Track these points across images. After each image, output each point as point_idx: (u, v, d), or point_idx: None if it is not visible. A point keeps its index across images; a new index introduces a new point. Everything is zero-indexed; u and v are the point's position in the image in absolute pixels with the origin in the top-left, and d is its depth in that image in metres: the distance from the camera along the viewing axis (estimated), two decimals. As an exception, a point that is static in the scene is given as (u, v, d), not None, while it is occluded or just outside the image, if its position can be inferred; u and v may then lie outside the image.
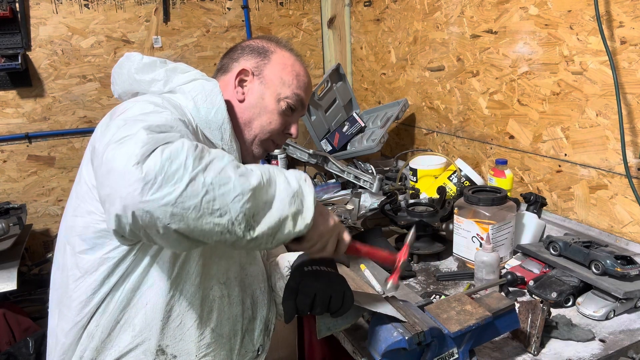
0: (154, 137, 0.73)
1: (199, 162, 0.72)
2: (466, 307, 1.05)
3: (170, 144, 0.73)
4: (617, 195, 1.56)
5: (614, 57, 1.49)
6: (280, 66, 1.14)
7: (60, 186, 2.62)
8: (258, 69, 1.13)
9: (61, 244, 1.00)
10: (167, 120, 0.84)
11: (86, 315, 0.94)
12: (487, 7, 1.94)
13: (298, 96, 1.14)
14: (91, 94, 2.60)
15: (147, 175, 0.69)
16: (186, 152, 0.72)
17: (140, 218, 0.70)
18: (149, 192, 0.68)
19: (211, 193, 0.72)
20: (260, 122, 1.12)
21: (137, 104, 0.90)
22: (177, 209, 0.70)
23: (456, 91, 2.20)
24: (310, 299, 0.94)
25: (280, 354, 2.10)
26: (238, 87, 1.13)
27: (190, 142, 0.74)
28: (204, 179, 0.72)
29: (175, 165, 0.70)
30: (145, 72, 1.07)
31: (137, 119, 0.81)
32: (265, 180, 0.79)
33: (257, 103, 1.12)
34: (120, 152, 0.71)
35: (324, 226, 0.89)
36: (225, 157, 0.77)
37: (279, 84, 1.12)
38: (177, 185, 0.70)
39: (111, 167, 0.71)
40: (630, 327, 1.22)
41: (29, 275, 2.50)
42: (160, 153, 0.71)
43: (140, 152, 0.70)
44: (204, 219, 0.72)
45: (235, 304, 1.08)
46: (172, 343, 0.98)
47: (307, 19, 3.05)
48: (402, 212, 1.69)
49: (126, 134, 0.74)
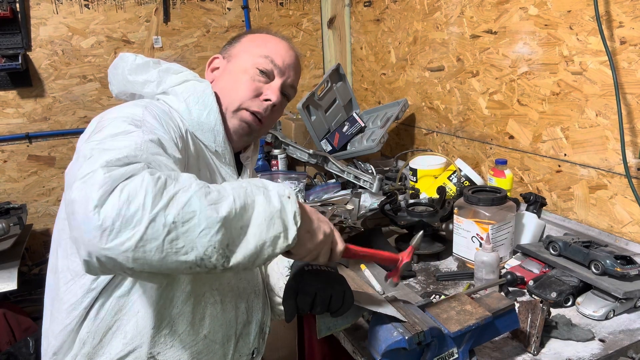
0: (112, 175, 0.68)
1: (160, 199, 0.68)
2: (466, 307, 1.05)
3: (131, 180, 0.68)
4: (617, 195, 1.56)
5: (614, 57, 1.49)
6: (250, 42, 1.13)
7: (60, 186, 2.63)
8: (227, 52, 1.14)
9: (54, 246, 1.00)
10: (135, 146, 0.78)
11: (75, 318, 0.94)
12: (487, 7, 1.95)
13: (267, 57, 1.09)
14: (91, 94, 2.60)
15: (105, 221, 0.65)
16: (145, 189, 0.67)
17: (106, 263, 0.68)
18: (107, 239, 0.65)
19: (174, 232, 0.68)
20: (230, 95, 1.09)
21: (112, 123, 0.85)
22: (138, 254, 0.67)
23: (456, 91, 2.20)
24: (310, 298, 0.94)
25: (280, 354, 2.10)
26: (210, 73, 1.14)
27: (150, 177, 0.69)
28: (165, 218, 0.67)
29: (134, 207, 0.66)
30: (139, 73, 1.06)
31: (103, 147, 0.76)
32: (238, 206, 0.73)
33: (227, 81, 1.10)
34: (80, 194, 0.67)
35: (311, 243, 0.84)
36: (192, 186, 0.71)
37: (246, 56, 1.11)
38: (136, 229, 0.66)
39: (73, 210, 0.68)
40: (630, 327, 1.22)
41: (29, 275, 2.50)
42: (118, 194, 0.67)
43: (97, 196, 0.66)
44: (169, 258, 0.68)
45: (229, 309, 1.06)
46: (164, 350, 0.97)
47: (307, 19, 3.06)
48: (402, 212, 1.69)
49: (88, 170, 0.70)
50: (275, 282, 1.18)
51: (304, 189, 2.18)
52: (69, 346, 0.95)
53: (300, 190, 2.16)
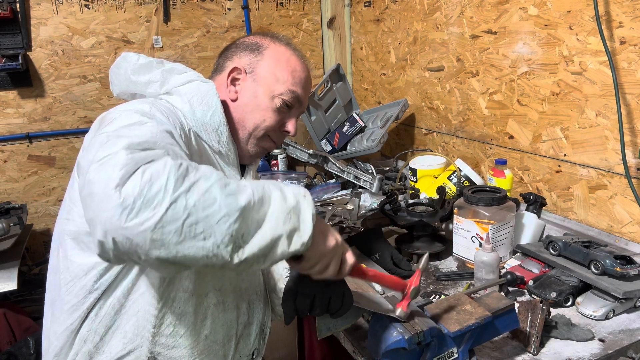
0: (134, 157, 0.69)
1: (181, 183, 0.68)
2: (466, 306, 1.05)
3: (153, 164, 0.69)
4: (617, 195, 1.56)
5: (614, 57, 1.49)
6: (274, 62, 1.10)
7: (60, 186, 2.63)
8: (250, 66, 1.10)
9: (55, 246, 1.00)
10: (151, 134, 0.79)
11: (77, 319, 0.93)
12: (486, 7, 1.95)
13: (294, 93, 1.09)
14: (92, 94, 2.60)
15: (126, 200, 0.65)
16: (168, 173, 0.68)
17: (121, 244, 0.67)
18: (127, 218, 0.65)
19: (194, 216, 0.68)
20: (254, 120, 1.09)
21: (123, 114, 0.86)
22: (157, 235, 0.66)
23: (456, 91, 2.20)
24: (309, 300, 0.94)
25: (280, 354, 2.10)
26: (230, 86, 1.10)
27: (173, 161, 0.70)
28: (186, 201, 0.67)
29: (156, 187, 0.66)
30: (142, 73, 1.05)
31: (119, 134, 0.77)
32: (257, 199, 0.74)
33: (250, 101, 1.09)
34: (100, 174, 0.68)
35: (324, 246, 0.83)
36: (213, 176, 0.72)
37: (272, 81, 1.09)
38: (157, 209, 0.66)
39: (92, 191, 0.68)
40: (630, 326, 1.22)
41: (30, 275, 2.50)
42: (140, 175, 0.67)
43: (119, 175, 0.67)
44: (186, 243, 0.68)
45: (230, 309, 1.06)
46: (165, 350, 0.97)
47: (307, 19, 3.06)
48: (402, 212, 1.69)
49: (107, 153, 0.71)
50: (275, 283, 1.18)
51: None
52: (70, 346, 0.95)
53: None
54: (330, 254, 0.85)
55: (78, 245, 0.93)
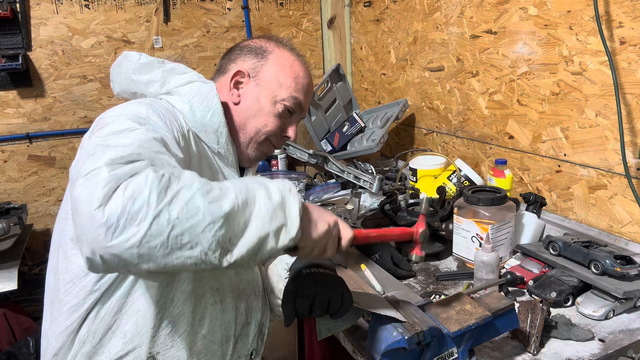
0: (117, 174, 0.69)
1: (164, 196, 0.69)
2: (466, 306, 1.05)
3: (134, 178, 0.69)
4: (617, 195, 1.56)
5: (614, 57, 1.49)
6: (278, 67, 1.10)
7: (60, 186, 2.63)
8: (254, 70, 1.10)
9: (54, 247, 1.00)
10: (139, 143, 0.78)
11: (76, 320, 0.93)
12: (486, 7, 1.95)
13: (296, 99, 1.10)
14: (92, 94, 2.60)
15: (110, 219, 0.66)
16: (150, 187, 0.68)
17: (110, 261, 0.68)
18: (113, 236, 0.66)
19: (178, 227, 0.68)
20: (256, 125, 1.09)
21: (115, 120, 0.86)
22: (143, 250, 0.67)
23: (456, 91, 2.20)
24: (309, 302, 0.94)
25: (280, 354, 2.10)
26: (233, 90, 1.10)
27: (154, 174, 0.70)
28: (169, 214, 0.68)
29: (138, 203, 0.67)
30: (143, 72, 1.05)
31: (107, 143, 0.77)
32: (240, 201, 0.74)
33: (252, 105, 1.09)
34: (84, 192, 0.68)
35: (316, 233, 0.84)
36: (195, 183, 0.72)
37: (275, 86, 1.09)
38: (141, 225, 0.67)
39: (77, 208, 0.69)
40: (630, 326, 1.22)
41: (30, 275, 2.50)
42: (122, 192, 0.67)
43: (102, 194, 0.67)
44: (174, 255, 0.69)
45: (228, 310, 1.06)
46: (163, 350, 0.97)
47: (307, 19, 3.06)
48: (402, 212, 1.70)
49: (92, 167, 0.71)
50: (274, 284, 1.18)
51: (304, 189, 2.18)
52: (69, 346, 0.95)
53: (300, 190, 2.16)
54: (324, 239, 0.86)
55: (76, 246, 0.92)
